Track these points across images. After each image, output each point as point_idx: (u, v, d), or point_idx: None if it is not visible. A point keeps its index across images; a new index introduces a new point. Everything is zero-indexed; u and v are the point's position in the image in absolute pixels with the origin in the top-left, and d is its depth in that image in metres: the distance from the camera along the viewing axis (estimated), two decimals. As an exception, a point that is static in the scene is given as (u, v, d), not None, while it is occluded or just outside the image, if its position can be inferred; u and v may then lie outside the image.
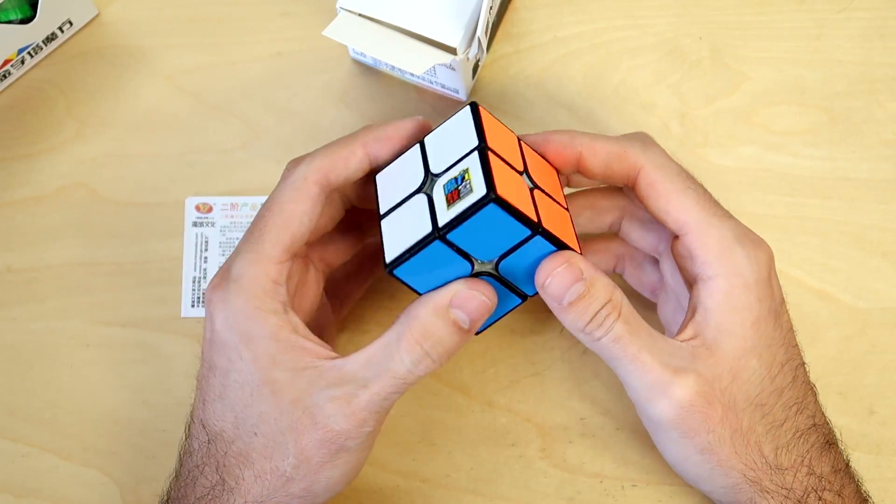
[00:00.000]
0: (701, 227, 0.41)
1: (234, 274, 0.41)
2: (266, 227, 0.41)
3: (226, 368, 0.40)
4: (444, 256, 0.39)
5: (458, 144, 0.40)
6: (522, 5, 0.57)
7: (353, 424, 0.39)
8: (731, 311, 0.41)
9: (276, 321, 0.40)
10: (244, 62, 0.57)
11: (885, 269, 0.52)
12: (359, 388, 0.39)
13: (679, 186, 0.42)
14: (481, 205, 0.37)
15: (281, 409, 0.40)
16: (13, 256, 0.54)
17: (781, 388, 0.41)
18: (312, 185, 0.41)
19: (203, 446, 0.41)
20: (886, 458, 0.49)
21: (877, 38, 0.56)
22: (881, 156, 0.54)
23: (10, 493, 0.50)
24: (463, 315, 0.39)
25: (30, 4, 0.55)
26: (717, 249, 0.41)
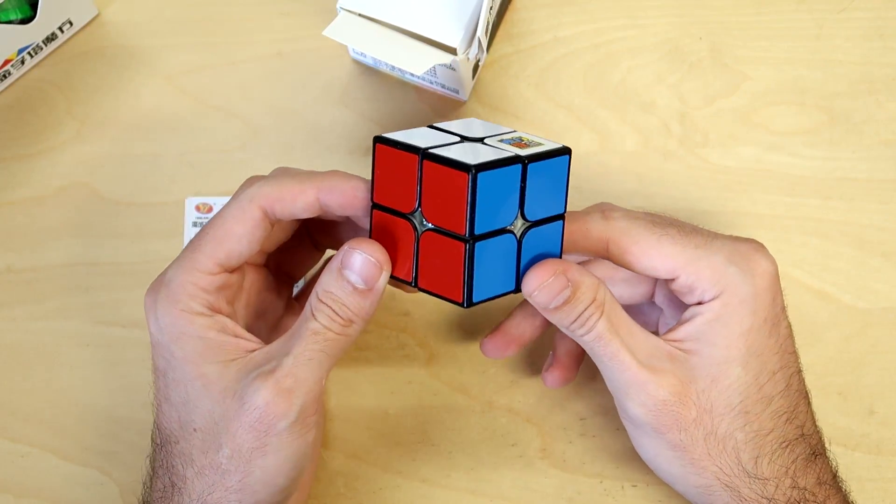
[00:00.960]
0: (690, 264, 0.42)
1: (167, 279, 0.42)
2: (205, 238, 0.42)
3: (164, 368, 0.41)
4: (511, 187, 0.38)
5: (488, 129, 0.41)
6: (522, 5, 0.57)
7: (279, 396, 0.38)
8: (718, 325, 0.41)
9: (203, 322, 0.41)
10: (244, 62, 0.57)
11: (885, 269, 0.52)
12: (280, 357, 0.39)
13: (652, 240, 0.42)
14: (561, 152, 0.39)
15: (213, 401, 0.40)
16: (13, 256, 0.54)
17: (770, 397, 0.41)
18: (256, 210, 0.42)
19: (158, 449, 0.42)
20: (886, 458, 0.49)
21: (877, 38, 0.56)
22: (881, 156, 0.54)
23: (10, 493, 0.50)
24: (354, 276, 0.39)
25: (30, 4, 0.55)
26: (710, 277, 0.41)
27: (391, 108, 0.56)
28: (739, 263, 0.42)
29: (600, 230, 0.42)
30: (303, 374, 0.39)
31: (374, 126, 0.55)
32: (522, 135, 0.41)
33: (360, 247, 0.39)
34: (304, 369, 0.39)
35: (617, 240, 0.42)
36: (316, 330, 0.39)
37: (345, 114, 0.56)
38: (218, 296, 0.41)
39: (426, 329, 0.51)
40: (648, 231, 0.42)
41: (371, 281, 0.39)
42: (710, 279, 0.41)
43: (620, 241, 0.42)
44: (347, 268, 0.39)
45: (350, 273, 0.39)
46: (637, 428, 0.42)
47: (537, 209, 0.40)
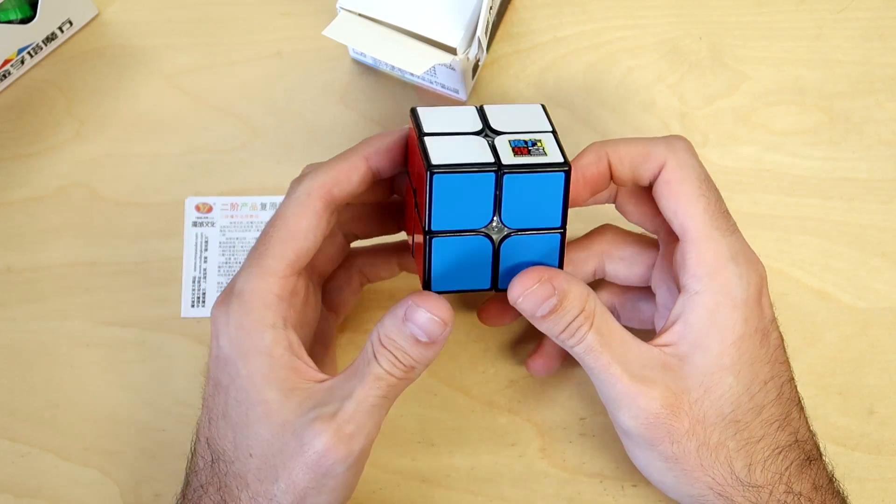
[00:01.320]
0: (700, 238, 0.41)
1: (238, 289, 0.41)
2: (270, 242, 0.41)
3: (227, 385, 0.41)
4: (482, 193, 0.39)
5: (527, 122, 0.41)
6: (522, 5, 0.57)
7: (340, 442, 0.39)
8: (712, 329, 0.41)
9: (273, 336, 0.40)
10: (244, 62, 0.57)
11: (885, 269, 0.52)
12: (343, 399, 0.39)
13: (693, 192, 0.42)
14: (556, 168, 0.38)
15: (272, 433, 0.39)
16: (13, 256, 0.54)
17: (762, 406, 0.41)
18: (316, 201, 0.41)
19: (207, 466, 0.41)
20: (886, 458, 0.49)
21: (877, 38, 0.56)
22: (881, 156, 0.54)
23: (10, 493, 0.50)
24: (417, 329, 0.39)
25: (30, 4, 0.55)
26: (710, 264, 0.41)
27: (391, 108, 0.56)
28: (741, 265, 0.41)
29: (661, 153, 0.42)
30: (364, 419, 0.39)
31: (374, 126, 0.55)
32: (540, 138, 0.40)
33: (426, 304, 0.39)
34: (365, 415, 0.39)
35: (670, 170, 0.42)
36: (378, 375, 0.39)
37: (345, 114, 0.56)
38: (289, 304, 0.41)
39: (426, 329, 0.51)
40: (697, 182, 0.42)
41: (434, 336, 0.39)
42: (708, 265, 0.41)
43: (671, 172, 0.42)
44: (411, 321, 0.39)
45: (413, 327, 0.39)
46: (630, 439, 0.42)
47: (521, 219, 0.39)
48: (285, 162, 0.55)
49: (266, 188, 0.54)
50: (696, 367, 0.41)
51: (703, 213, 0.42)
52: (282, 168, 0.55)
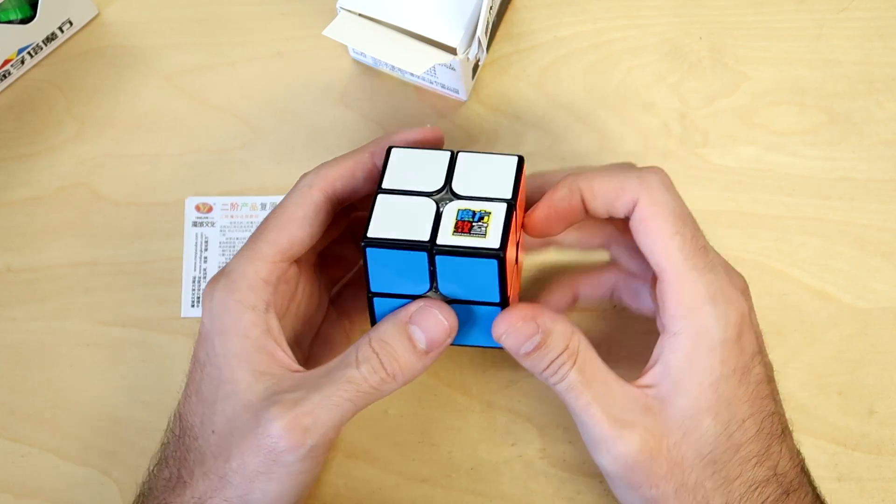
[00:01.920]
0: (677, 278, 0.40)
1: (228, 269, 0.41)
2: (266, 228, 0.42)
3: (203, 361, 0.41)
4: (417, 267, 0.39)
5: (490, 184, 0.40)
6: (522, 5, 0.57)
7: (293, 432, 0.38)
8: (689, 371, 0.40)
9: (252, 318, 0.40)
10: (244, 62, 0.57)
11: (885, 269, 0.52)
12: (310, 391, 0.39)
13: (667, 229, 0.41)
14: (487, 254, 0.38)
15: (235, 411, 0.39)
16: (13, 256, 0.54)
17: (739, 444, 0.40)
18: (317, 192, 0.42)
19: (175, 440, 0.42)
20: (886, 458, 0.49)
21: (877, 38, 0.56)
22: (881, 156, 0.54)
23: (10, 493, 0.50)
24: (419, 333, 0.39)
25: (30, 4, 0.55)
26: (686, 305, 0.40)
27: (391, 108, 0.56)
28: (719, 304, 0.40)
29: (635, 189, 0.41)
30: (323, 416, 0.38)
31: (374, 126, 0.55)
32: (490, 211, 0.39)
33: (437, 308, 0.39)
34: (326, 412, 0.38)
35: (644, 207, 0.41)
36: (352, 379, 0.39)
37: (345, 114, 0.56)
38: (276, 290, 0.41)
39: (426, 329, 0.51)
40: (672, 217, 0.41)
41: (433, 345, 0.39)
42: (684, 306, 0.40)
43: (646, 209, 0.41)
44: (416, 324, 0.39)
45: (415, 329, 0.39)
46: (610, 479, 0.42)
47: (459, 292, 0.40)
48: (285, 162, 0.55)
49: (266, 188, 0.54)
50: (676, 409, 0.40)
51: (678, 251, 0.41)
52: (282, 168, 0.55)
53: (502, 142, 0.55)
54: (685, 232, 0.41)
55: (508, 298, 0.40)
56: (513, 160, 0.41)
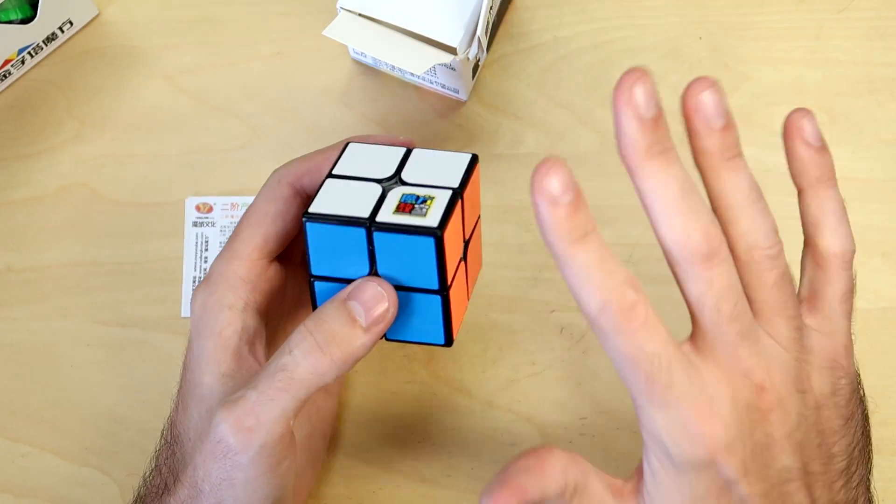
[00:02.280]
0: (640, 409, 0.34)
1: (210, 271, 0.42)
2: (240, 227, 0.42)
3: (187, 366, 0.41)
4: (355, 246, 0.38)
5: (439, 175, 0.40)
6: (522, 5, 0.57)
7: (239, 432, 0.36)
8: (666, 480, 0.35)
9: (227, 316, 0.40)
10: (244, 62, 0.57)
11: (885, 269, 0.52)
12: (248, 389, 0.37)
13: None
14: (424, 232, 0.37)
15: (201, 416, 0.39)
16: (13, 256, 0.54)
17: None
18: (285, 187, 0.42)
19: (166, 447, 0.42)
20: (886, 458, 0.49)
21: (877, 38, 0.56)
22: (881, 156, 0.54)
23: (10, 492, 0.50)
24: (358, 307, 0.37)
25: (30, 4, 0.55)
26: (649, 443, 0.35)
27: (391, 108, 0.56)
28: (679, 440, 0.34)
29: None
30: (263, 414, 0.36)
31: (374, 126, 0.55)
32: (434, 196, 0.39)
33: (377, 282, 0.38)
34: (265, 409, 0.36)
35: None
36: (285, 366, 0.36)
37: (345, 114, 0.56)
38: (256, 288, 0.41)
39: (426, 329, 0.51)
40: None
41: (373, 319, 0.37)
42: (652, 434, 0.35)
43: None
44: (354, 298, 0.38)
45: (354, 304, 0.37)
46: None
47: (398, 276, 0.39)
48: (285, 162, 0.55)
49: (266, 188, 0.54)
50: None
51: (633, 388, 0.34)
52: (282, 168, 0.55)
53: (502, 142, 0.55)
54: (637, 373, 0.34)
55: (448, 287, 0.39)
56: (465, 157, 0.41)
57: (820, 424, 0.39)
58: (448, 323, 0.40)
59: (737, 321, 0.36)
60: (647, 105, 0.34)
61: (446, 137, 0.55)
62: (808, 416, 0.38)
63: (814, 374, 0.39)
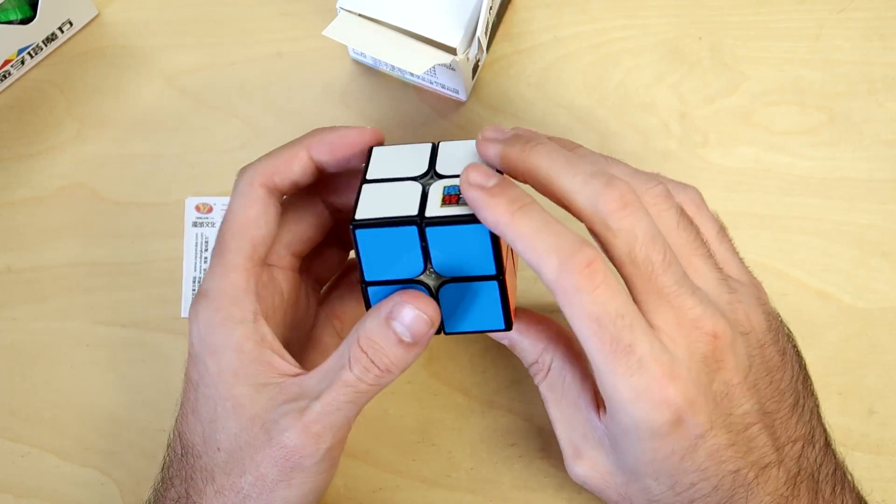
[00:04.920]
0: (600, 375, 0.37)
1: (204, 288, 0.41)
2: (225, 237, 0.41)
3: (197, 381, 0.41)
4: (407, 245, 0.39)
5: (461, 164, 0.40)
6: (522, 5, 0.57)
7: (308, 439, 0.39)
8: (624, 445, 0.39)
9: (242, 331, 0.40)
10: (244, 62, 0.57)
11: (885, 269, 0.52)
12: (312, 399, 0.39)
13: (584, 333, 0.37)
14: (477, 220, 0.37)
15: (241, 426, 0.39)
16: (13, 256, 0.54)
17: (692, 499, 0.38)
18: (258, 188, 0.42)
19: (177, 459, 0.41)
20: (886, 458, 0.49)
21: (877, 38, 0.56)
22: (881, 156, 0.54)
23: (10, 492, 0.50)
24: (402, 328, 0.39)
25: (30, 4, 0.55)
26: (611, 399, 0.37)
27: (391, 108, 0.56)
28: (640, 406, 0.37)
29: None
30: (330, 420, 0.39)
31: (374, 126, 0.55)
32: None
33: (413, 302, 0.39)
34: (332, 417, 0.39)
35: (564, 308, 0.37)
36: (347, 382, 0.39)
37: (345, 114, 0.56)
38: (259, 297, 0.41)
39: (426, 329, 0.51)
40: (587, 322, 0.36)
41: (418, 336, 0.39)
42: (609, 400, 0.37)
43: (565, 311, 0.37)
44: (397, 319, 0.39)
45: (398, 325, 0.39)
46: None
47: (453, 267, 0.39)
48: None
49: (266, 188, 0.54)
50: (620, 458, 0.40)
51: (597, 353, 0.37)
52: (282, 168, 0.55)
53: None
54: (602, 335, 0.36)
55: (504, 272, 0.39)
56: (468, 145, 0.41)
57: (766, 363, 0.40)
58: (507, 307, 0.40)
59: (671, 269, 0.38)
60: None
61: (446, 138, 0.55)
62: (755, 356, 0.40)
63: (750, 312, 0.40)
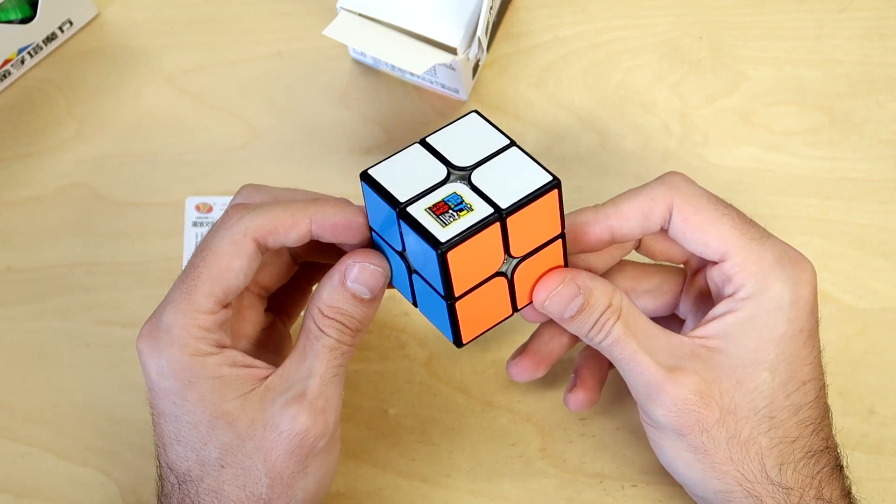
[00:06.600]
0: (741, 252, 0.41)
1: (165, 324, 0.40)
2: (200, 277, 0.40)
3: (173, 413, 0.40)
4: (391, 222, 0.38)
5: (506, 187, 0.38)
6: (522, 5, 0.57)
7: (317, 416, 0.39)
8: (750, 327, 0.40)
9: (214, 361, 0.40)
10: (244, 62, 0.57)
11: (885, 269, 0.52)
12: (304, 379, 0.40)
13: (713, 215, 0.41)
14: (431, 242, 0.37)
15: (241, 435, 0.39)
16: (13, 256, 0.54)
17: (799, 405, 0.41)
18: (251, 243, 0.40)
19: (175, 490, 0.41)
20: (886, 458, 0.49)
21: (877, 38, 0.56)
22: (881, 156, 0.54)
23: (10, 493, 0.50)
24: (359, 286, 0.40)
25: (30, 4, 0.55)
26: (756, 273, 0.40)
27: (391, 108, 0.56)
28: (786, 268, 0.41)
29: (665, 196, 0.41)
30: (330, 392, 0.40)
31: (374, 126, 0.55)
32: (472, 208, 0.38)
33: (364, 258, 0.40)
34: (331, 387, 0.40)
35: (680, 206, 0.41)
36: (331, 346, 0.40)
37: (345, 114, 0.56)
38: (223, 330, 0.41)
39: (426, 329, 0.51)
40: (712, 205, 0.41)
41: (375, 289, 0.40)
42: (755, 275, 0.40)
43: (684, 207, 0.41)
44: (351, 279, 0.40)
45: (354, 284, 0.40)
46: (658, 431, 0.42)
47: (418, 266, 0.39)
48: (285, 162, 0.55)
49: (266, 188, 0.54)
50: (728, 357, 0.40)
51: (732, 229, 0.41)
52: (282, 168, 0.55)
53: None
54: (731, 213, 0.42)
55: (455, 298, 0.39)
56: (543, 178, 0.39)
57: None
58: (456, 327, 0.40)
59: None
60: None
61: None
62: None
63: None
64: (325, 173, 0.54)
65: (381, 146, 0.55)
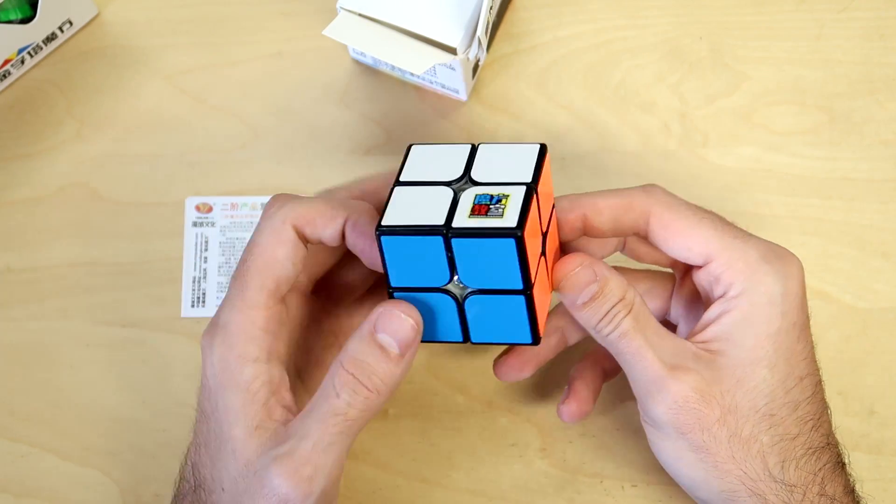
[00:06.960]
0: (725, 252, 0.41)
1: (222, 321, 0.40)
2: (248, 272, 0.40)
3: (208, 415, 0.40)
4: (433, 254, 0.38)
5: (510, 170, 0.39)
6: (522, 5, 0.57)
7: (299, 483, 0.37)
8: (746, 325, 0.41)
9: (253, 371, 0.39)
10: (244, 62, 0.57)
11: (885, 269, 0.52)
12: (300, 439, 0.38)
13: (692, 220, 0.42)
14: (503, 234, 0.37)
15: (238, 471, 0.39)
16: (13, 256, 0.54)
17: (797, 402, 0.41)
18: (291, 230, 0.40)
19: (191, 491, 0.41)
20: (886, 458, 0.49)
21: (877, 38, 0.56)
22: (881, 156, 0.54)
23: (10, 493, 0.50)
24: (388, 338, 0.38)
25: (30, 4, 0.55)
26: (743, 271, 0.41)
27: (391, 108, 0.56)
28: (773, 263, 0.41)
29: (643, 203, 0.42)
30: (322, 460, 0.38)
31: (374, 126, 0.55)
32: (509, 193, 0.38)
33: (398, 307, 0.38)
34: (323, 456, 0.38)
35: (660, 213, 0.42)
36: (336, 411, 0.38)
37: (345, 114, 0.56)
38: (277, 338, 0.40)
39: (426, 329, 0.51)
40: (691, 211, 0.42)
41: (405, 345, 0.38)
42: (742, 272, 0.41)
43: (663, 214, 0.42)
44: (381, 331, 0.38)
45: (384, 336, 0.38)
46: (659, 430, 0.42)
47: (480, 279, 0.38)
48: (285, 162, 0.55)
49: (266, 188, 0.54)
50: (728, 358, 0.40)
51: (713, 231, 0.41)
52: (282, 168, 0.55)
53: (502, 142, 0.55)
54: (710, 216, 0.42)
55: (532, 285, 0.39)
56: (534, 147, 0.40)
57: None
58: (534, 321, 0.40)
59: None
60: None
61: (446, 138, 0.55)
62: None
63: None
64: (325, 173, 0.54)
65: (380, 146, 0.55)
